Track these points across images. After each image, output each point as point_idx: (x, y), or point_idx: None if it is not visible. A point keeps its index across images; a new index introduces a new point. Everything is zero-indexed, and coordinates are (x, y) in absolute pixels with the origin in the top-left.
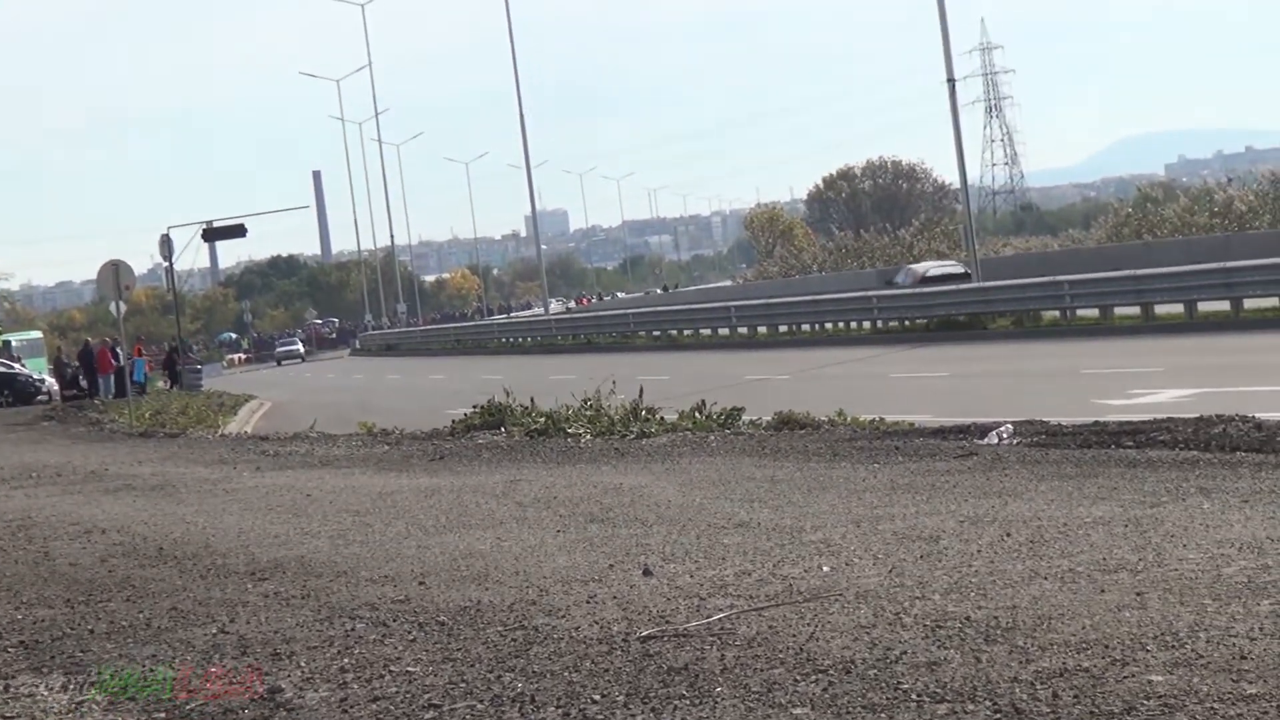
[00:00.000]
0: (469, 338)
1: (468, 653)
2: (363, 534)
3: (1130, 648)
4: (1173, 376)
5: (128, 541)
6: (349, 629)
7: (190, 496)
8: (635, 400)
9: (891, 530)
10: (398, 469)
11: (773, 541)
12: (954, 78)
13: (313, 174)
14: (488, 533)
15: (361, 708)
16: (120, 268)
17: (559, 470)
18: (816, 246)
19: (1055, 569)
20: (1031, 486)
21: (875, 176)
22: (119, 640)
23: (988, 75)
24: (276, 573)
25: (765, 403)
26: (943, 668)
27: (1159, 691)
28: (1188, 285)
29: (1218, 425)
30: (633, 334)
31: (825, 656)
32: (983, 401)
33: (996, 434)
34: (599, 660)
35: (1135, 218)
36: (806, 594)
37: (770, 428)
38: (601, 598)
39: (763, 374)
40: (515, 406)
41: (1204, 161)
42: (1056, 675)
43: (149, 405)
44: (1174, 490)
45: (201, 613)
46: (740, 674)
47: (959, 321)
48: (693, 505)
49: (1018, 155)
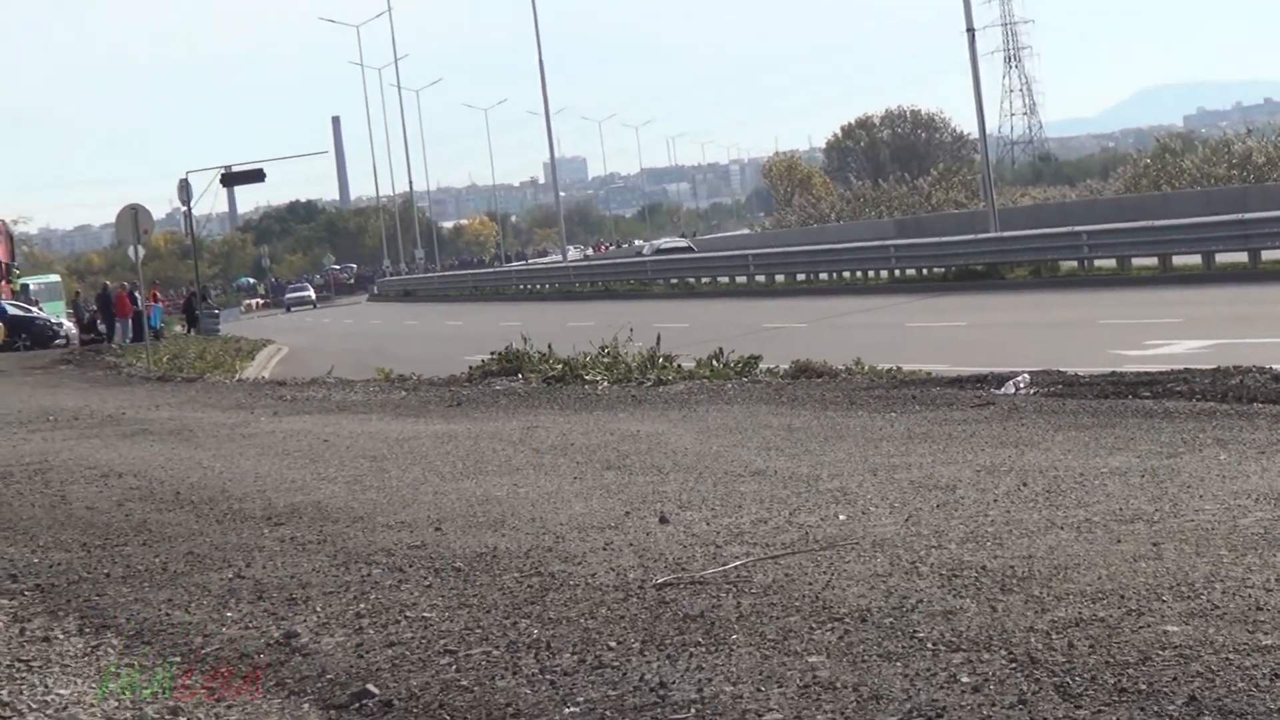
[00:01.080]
0: (487, 284)
1: (484, 599)
2: (379, 479)
3: (1146, 598)
4: (1190, 327)
5: (144, 486)
6: (365, 574)
7: (207, 441)
8: (652, 348)
9: (908, 479)
10: (415, 415)
11: (789, 490)
12: (973, 27)
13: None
14: (504, 479)
15: (377, 653)
16: (139, 212)
17: (576, 417)
18: (834, 195)
19: (1071, 519)
20: (1048, 436)
21: (894, 126)
22: (135, 584)
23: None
24: (293, 518)
25: (782, 351)
26: (958, 617)
27: (1174, 642)
28: (1206, 236)
29: (1235, 376)
30: (650, 281)
31: (841, 605)
32: (1000, 351)
33: (1013, 384)
34: (615, 607)
35: (1154, 169)
36: (823, 542)
37: (787, 376)
38: (618, 545)
39: (780, 322)
40: (533, 353)
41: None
42: (1072, 625)
43: (166, 350)
44: (1191, 441)
45: (218, 557)
46: (756, 622)
47: (977, 271)
48: (709, 453)
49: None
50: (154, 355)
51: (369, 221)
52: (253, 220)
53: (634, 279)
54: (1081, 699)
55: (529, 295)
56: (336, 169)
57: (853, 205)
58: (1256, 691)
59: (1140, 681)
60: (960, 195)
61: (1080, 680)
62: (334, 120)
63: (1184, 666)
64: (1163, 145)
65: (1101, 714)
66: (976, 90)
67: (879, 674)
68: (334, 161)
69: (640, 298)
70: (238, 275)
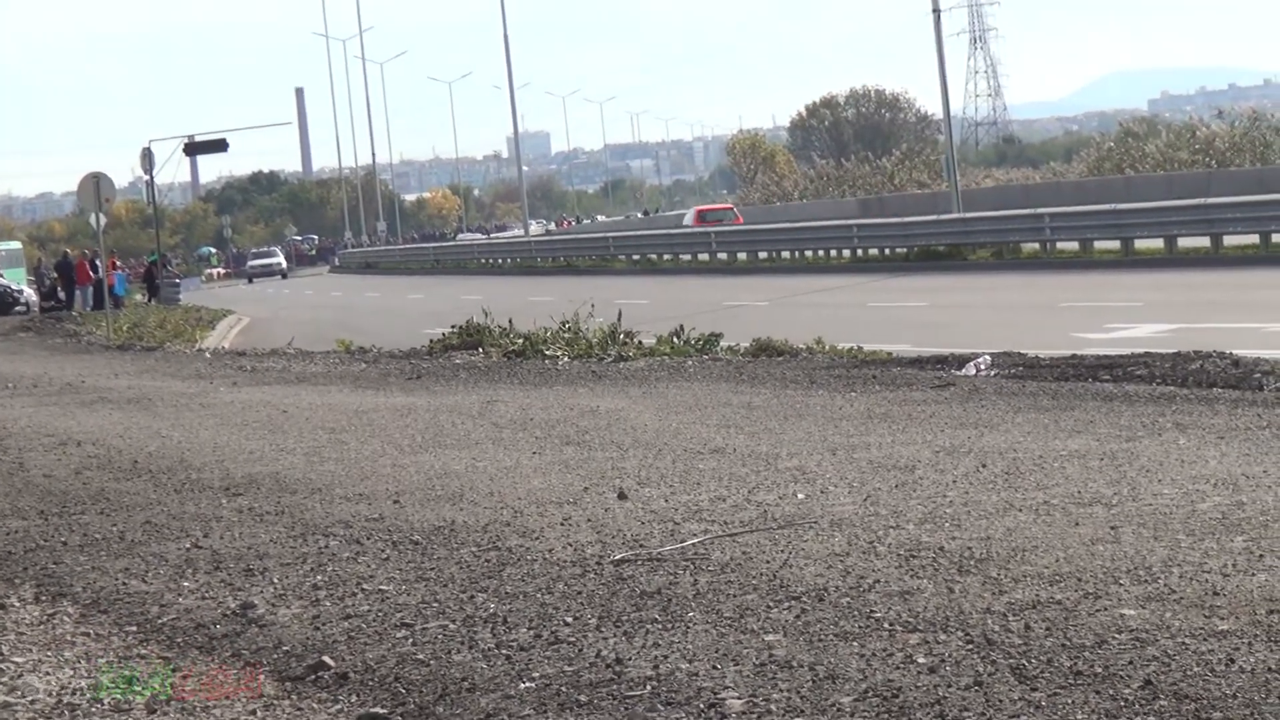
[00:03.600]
0: (448, 257)
1: (441, 572)
2: (338, 451)
3: (1103, 581)
4: (1151, 311)
5: (103, 454)
6: (322, 546)
7: (166, 410)
8: (613, 324)
9: (867, 459)
10: (375, 387)
11: (748, 468)
12: (939, 8)
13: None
14: (463, 453)
15: (333, 625)
16: (101, 180)
17: (536, 392)
18: (798, 174)
19: (1030, 501)
20: (1008, 418)
21: (858, 105)
22: (92, 553)
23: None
24: (251, 488)
25: (743, 329)
26: (916, 597)
27: (1131, 625)
28: (1168, 220)
29: (1195, 361)
30: (612, 257)
31: (798, 583)
32: (961, 332)
33: (974, 365)
34: (572, 583)
35: (1117, 152)
36: (781, 521)
37: (748, 354)
38: (576, 520)
39: (741, 300)
40: (493, 327)
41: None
42: (1029, 607)
43: (127, 318)
44: (1150, 425)
45: (175, 527)
46: (713, 599)
47: (939, 252)
48: (669, 430)
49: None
50: (114, 324)
51: (331, 193)
52: (215, 190)
53: (595, 254)
54: (1038, 681)
55: (490, 269)
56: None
57: (816, 184)
58: (1212, 676)
59: (1096, 665)
60: (924, 176)
61: (1037, 663)
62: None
63: (1140, 650)
64: (1126, 129)
65: (1058, 696)
66: (941, 71)
67: (835, 653)
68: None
69: (602, 273)
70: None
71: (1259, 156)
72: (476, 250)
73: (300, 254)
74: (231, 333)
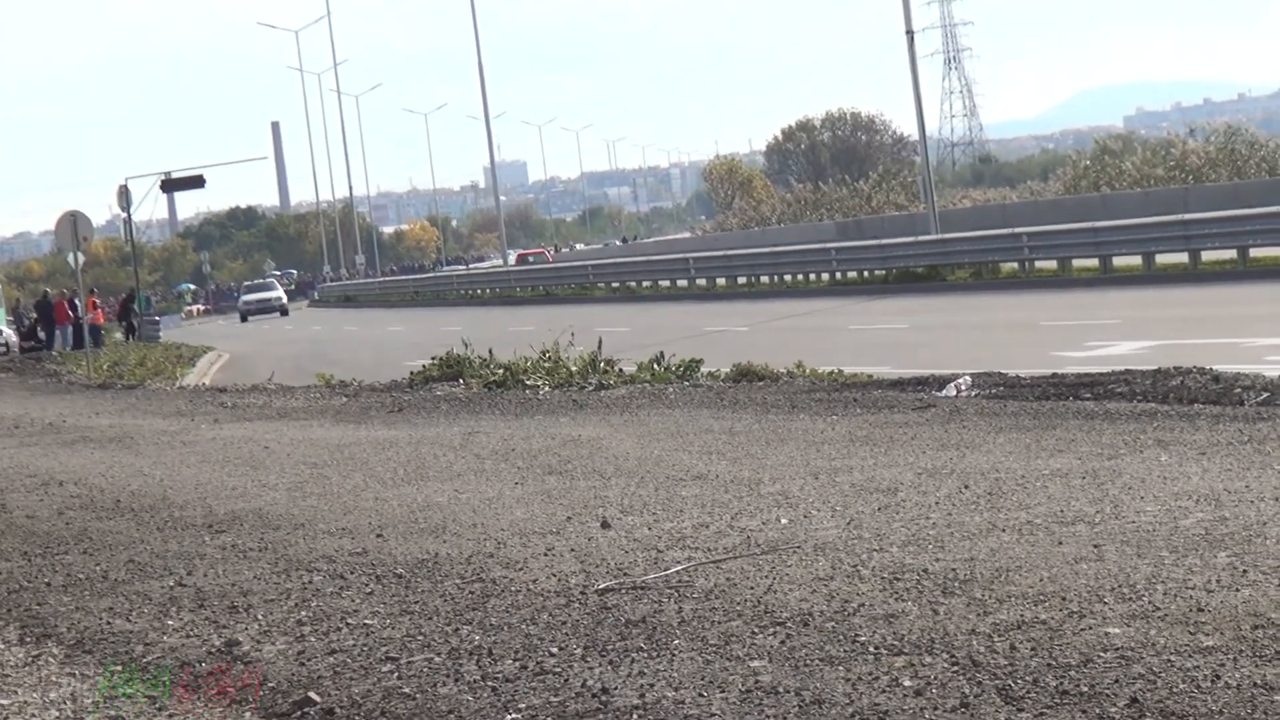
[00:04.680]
0: (428, 289)
1: (425, 605)
2: (320, 486)
3: (1087, 600)
4: (1131, 328)
5: (85, 494)
6: (306, 582)
7: (148, 448)
8: (594, 352)
9: (849, 482)
10: (356, 421)
11: (730, 494)
12: (913, 29)
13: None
14: (445, 485)
15: (319, 660)
16: (78, 219)
17: (517, 422)
18: (775, 198)
19: (1013, 521)
20: (989, 439)
21: (834, 128)
22: (76, 593)
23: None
24: (234, 525)
25: (724, 354)
26: (900, 620)
27: (1116, 644)
28: (1146, 237)
29: (1175, 377)
30: (591, 285)
31: (783, 609)
32: (941, 353)
33: (955, 386)
34: (556, 613)
35: (1093, 170)
36: (764, 546)
37: (729, 379)
38: (559, 550)
39: (721, 326)
40: (474, 358)
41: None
42: (1014, 627)
43: (107, 357)
44: (1132, 442)
45: (159, 565)
46: (698, 626)
47: (918, 274)
48: (651, 457)
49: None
50: (94, 363)
51: (309, 227)
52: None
53: (574, 283)
54: (1024, 701)
55: (470, 300)
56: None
57: (793, 208)
58: (1198, 693)
59: (1082, 683)
60: (901, 197)
61: (1022, 683)
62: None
63: (1126, 668)
64: (1102, 146)
65: (1044, 716)
66: (916, 93)
67: (821, 678)
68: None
69: (581, 302)
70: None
71: (1235, 171)
72: (456, 281)
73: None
74: (212, 369)
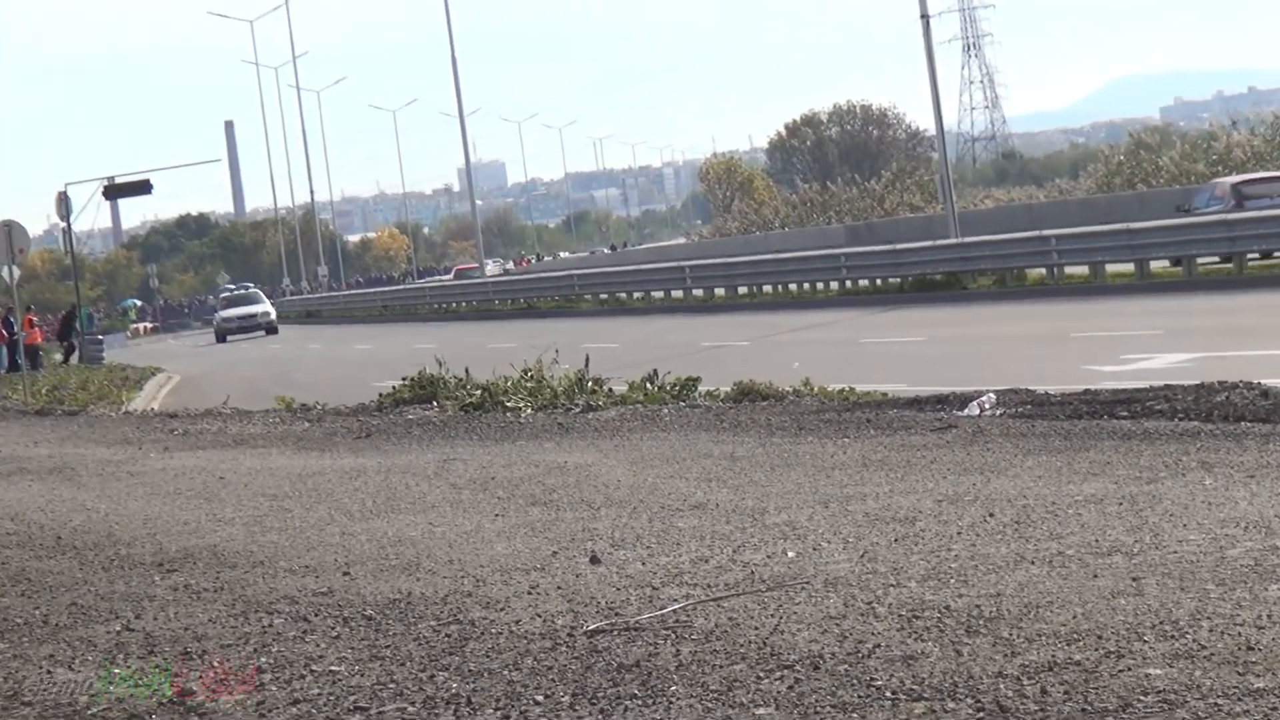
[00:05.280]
0: (397, 303)
1: (398, 650)
2: (281, 520)
3: (1126, 638)
4: (1171, 339)
5: (22, 531)
6: (266, 625)
7: (91, 480)
8: (580, 370)
9: (863, 511)
10: (320, 448)
11: (732, 525)
12: (928, 13)
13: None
14: (419, 518)
15: (280, 712)
16: (13, 229)
17: (497, 448)
18: (779, 200)
19: (1043, 552)
20: (1017, 462)
21: (843, 123)
22: (13, 639)
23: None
24: (186, 563)
25: (724, 372)
26: (920, 662)
27: (1158, 686)
28: (1186, 239)
29: (1220, 393)
30: (578, 298)
31: (791, 651)
32: (963, 369)
33: (978, 404)
34: (542, 657)
35: (1128, 166)
36: (770, 582)
37: (729, 399)
38: (544, 588)
39: (720, 340)
40: (449, 378)
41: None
42: (1045, 669)
43: (45, 380)
44: (1173, 465)
45: (104, 608)
46: (697, 671)
47: (936, 281)
48: (644, 485)
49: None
50: (31, 386)
51: (267, 236)
52: (139, 236)
53: (559, 295)
54: None
55: (444, 314)
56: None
57: (799, 210)
58: None
59: None
60: (916, 198)
61: None
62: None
63: (1169, 713)
64: (1137, 140)
65: None
66: (933, 82)
67: None
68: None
69: (566, 315)
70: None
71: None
72: (428, 294)
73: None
74: (161, 392)
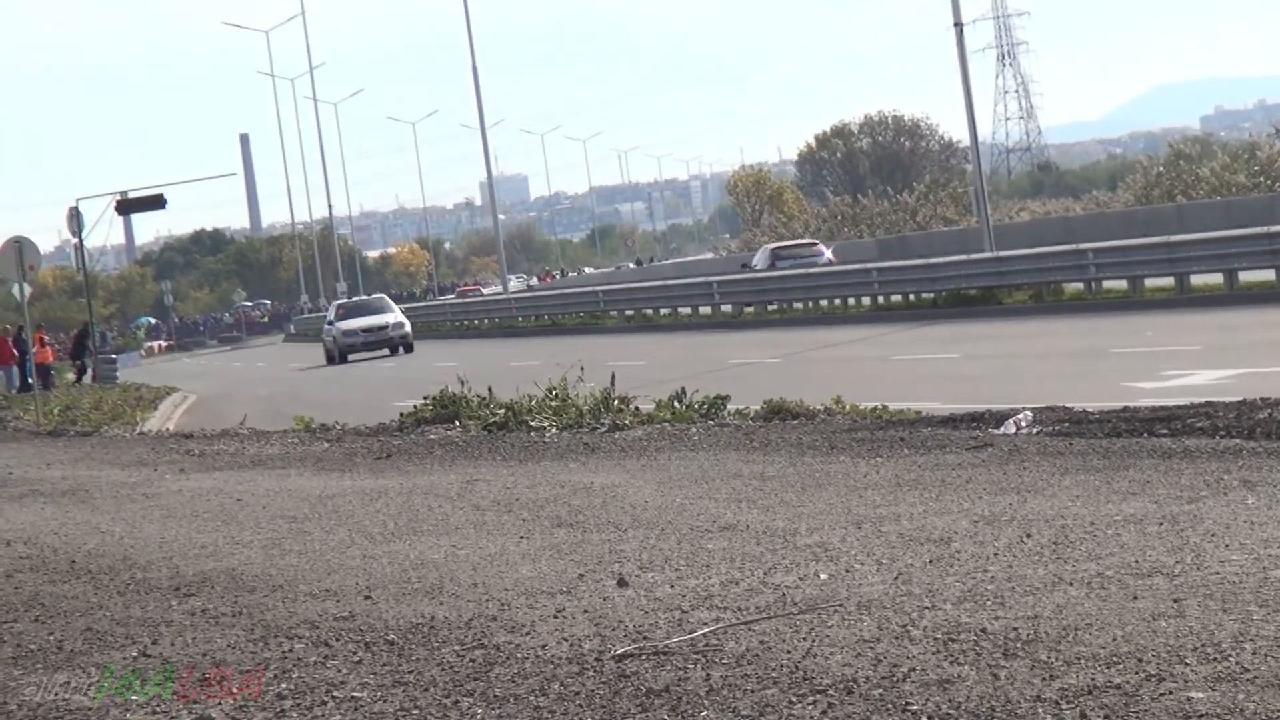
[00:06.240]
0: (418, 320)
1: (421, 675)
2: (300, 543)
3: (1167, 661)
4: (1212, 356)
5: (36, 554)
6: (286, 650)
7: (106, 503)
8: (606, 389)
9: (897, 532)
10: (339, 469)
11: (763, 546)
12: (961, 21)
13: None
14: (442, 540)
15: None
16: (24, 245)
17: (521, 468)
18: (809, 213)
19: (1082, 574)
20: (1054, 481)
21: (874, 134)
22: (28, 665)
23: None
24: (204, 588)
25: (753, 390)
26: (956, 686)
27: (1200, 710)
28: (1227, 253)
29: (1263, 410)
30: (603, 314)
31: (824, 675)
32: (998, 386)
33: (1014, 422)
34: (568, 682)
35: (1167, 177)
36: (802, 605)
37: (759, 418)
38: (571, 612)
39: (750, 357)
40: (471, 397)
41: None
42: (1084, 693)
43: (58, 400)
44: (1214, 484)
45: (120, 634)
46: (728, 696)
47: (971, 296)
48: (672, 506)
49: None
50: (44, 406)
51: (284, 252)
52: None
53: (583, 311)
54: None
55: (466, 331)
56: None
57: (829, 224)
58: None
59: None
60: (950, 211)
61: None
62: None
63: None
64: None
65: None
66: (966, 92)
67: None
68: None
69: (591, 332)
70: (137, 314)
71: None
72: (450, 311)
73: (251, 321)
74: (176, 412)
